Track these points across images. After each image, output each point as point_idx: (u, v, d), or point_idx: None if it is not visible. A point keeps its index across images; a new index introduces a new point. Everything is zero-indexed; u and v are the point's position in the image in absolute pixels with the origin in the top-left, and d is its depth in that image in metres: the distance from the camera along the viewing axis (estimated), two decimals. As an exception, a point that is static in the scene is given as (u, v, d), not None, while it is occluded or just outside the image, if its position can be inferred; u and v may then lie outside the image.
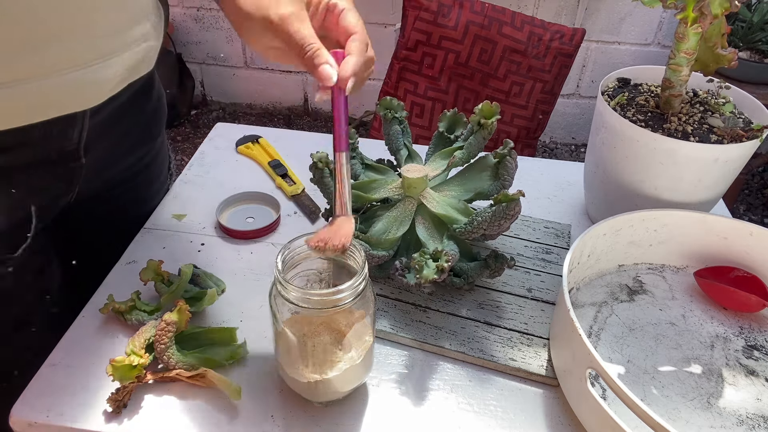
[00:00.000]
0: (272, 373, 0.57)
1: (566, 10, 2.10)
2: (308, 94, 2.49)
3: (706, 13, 0.59)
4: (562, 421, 0.54)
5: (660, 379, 0.57)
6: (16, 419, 0.52)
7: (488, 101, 0.64)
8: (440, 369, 0.59)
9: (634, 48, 2.18)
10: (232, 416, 0.53)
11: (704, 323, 0.64)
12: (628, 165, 0.68)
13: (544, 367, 0.58)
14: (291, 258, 0.49)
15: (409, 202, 0.63)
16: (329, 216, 0.67)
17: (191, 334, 0.58)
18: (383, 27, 2.22)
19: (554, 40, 1.36)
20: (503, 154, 0.61)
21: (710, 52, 0.65)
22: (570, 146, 2.47)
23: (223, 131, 0.95)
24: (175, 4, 2.29)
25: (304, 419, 0.53)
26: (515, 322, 0.62)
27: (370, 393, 0.56)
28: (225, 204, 0.76)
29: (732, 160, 0.65)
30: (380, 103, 0.69)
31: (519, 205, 0.55)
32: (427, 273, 0.54)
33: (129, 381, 0.53)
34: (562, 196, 0.84)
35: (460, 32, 1.37)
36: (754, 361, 0.60)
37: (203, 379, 0.54)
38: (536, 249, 0.72)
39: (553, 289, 0.67)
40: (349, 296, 0.46)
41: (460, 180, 0.66)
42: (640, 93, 0.73)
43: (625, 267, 0.69)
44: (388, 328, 0.61)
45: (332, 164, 0.63)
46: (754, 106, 0.71)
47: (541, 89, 1.40)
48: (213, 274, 0.66)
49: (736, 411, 0.55)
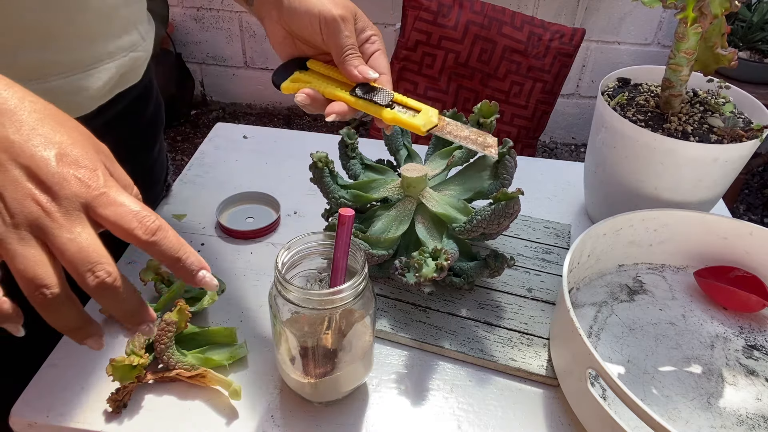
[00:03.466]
0: (272, 373, 0.57)
1: (566, 10, 2.10)
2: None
3: (706, 13, 0.59)
4: (562, 421, 0.54)
5: (660, 379, 0.57)
6: (16, 419, 0.52)
7: (487, 100, 0.64)
8: (440, 369, 0.59)
9: (634, 48, 2.18)
10: (232, 416, 0.53)
11: (704, 323, 0.64)
12: (628, 165, 0.68)
13: (544, 367, 0.58)
14: (291, 258, 0.49)
15: (408, 201, 0.63)
16: (329, 216, 0.67)
17: (191, 334, 0.58)
18: (383, 27, 2.22)
19: (554, 40, 1.36)
20: (503, 153, 0.61)
21: (710, 52, 0.65)
22: (570, 146, 2.47)
23: (223, 131, 0.95)
24: (175, 4, 2.29)
25: (304, 419, 0.53)
26: (515, 322, 0.62)
27: (370, 393, 0.56)
28: (225, 204, 0.76)
29: (732, 160, 0.65)
30: (380, 103, 0.69)
31: (518, 204, 0.55)
32: (426, 272, 0.54)
33: (129, 381, 0.53)
34: (562, 196, 0.84)
35: (459, 32, 1.37)
36: (754, 361, 0.60)
37: (203, 379, 0.54)
38: (536, 249, 0.72)
39: (553, 289, 0.67)
40: (349, 296, 0.46)
41: (459, 179, 0.66)
42: (640, 93, 0.73)
43: (625, 267, 0.69)
44: (388, 328, 0.61)
45: (332, 164, 0.63)
46: (754, 106, 0.71)
47: (541, 89, 1.40)
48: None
49: (736, 411, 0.55)
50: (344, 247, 0.48)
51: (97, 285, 0.34)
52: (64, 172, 0.34)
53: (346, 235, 0.47)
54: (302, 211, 0.78)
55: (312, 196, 0.80)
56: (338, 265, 0.48)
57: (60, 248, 0.33)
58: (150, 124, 0.77)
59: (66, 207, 0.34)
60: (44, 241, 0.34)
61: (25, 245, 0.33)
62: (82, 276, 0.33)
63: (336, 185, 0.63)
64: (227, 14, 2.30)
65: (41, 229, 0.33)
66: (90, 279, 0.33)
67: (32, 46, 0.54)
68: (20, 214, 0.33)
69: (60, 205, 0.34)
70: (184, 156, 2.30)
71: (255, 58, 2.40)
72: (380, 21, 2.21)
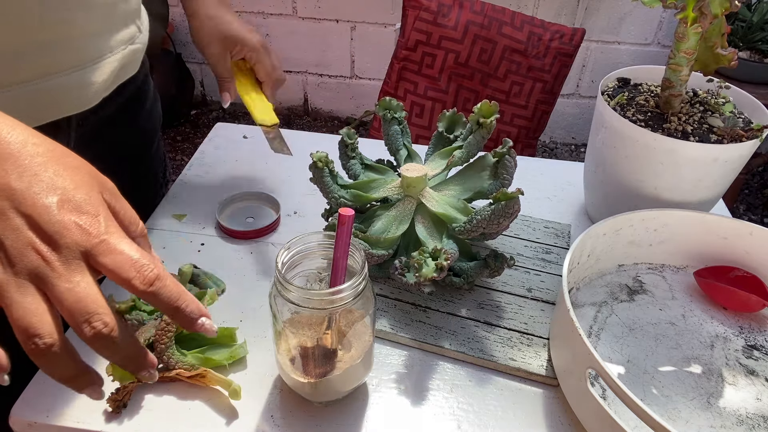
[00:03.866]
0: (272, 373, 0.57)
1: (566, 10, 2.10)
2: (308, 94, 2.49)
3: (706, 13, 0.59)
4: (562, 421, 0.54)
5: (660, 379, 0.57)
6: (16, 419, 0.52)
7: (487, 100, 0.64)
8: (440, 369, 0.59)
9: (634, 48, 2.18)
10: (232, 416, 0.53)
11: (704, 323, 0.64)
12: (628, 165, 0.68)
13: (544, 367, 0.58)
14: (291, 258, 0.49)
15: (408, 201, 0.63)
16: (329, 216, 0.67)
17: (191, 334, 0.58)
18: (383, 27, 2.22)
19: (554, 40, 1.36)
20: (502, 153, 0.61)
21: (710, 52, 0.65)
22: (570, 146, 2.47)
23: (223, 131, 0.95)
24: (175, 4, 2.29)
25: (304, 419, 0.53)
26: (515, 322, 0.62)
27: (370, 393, 0.56)
28: (225, 204, 0.76)
29: (732, 160, 0.65)
30: (379, 103, 0.69)
31: (518, 204, 0.55)
32: (426, 271, 0.54)
33: (129, 381, 0.53)
34: (562, 196, 0.84)
35: (460, 32, 1.37)
36: (754, 361, 0.60)
37: (203, 379, 0.54)
38: (536, 249, 0.72)
39: (553, 289, 0.67)
40: (349, 296, 0.46)
41: (459, 179, 0.66)
42: (640, 93, 0.73)
43: (625, 267, 0.69)
44: (387, 328, 0.61)
45: (332, 164, 0.63)
46: (754, 106, 0.71)
47: (541, 89, 1.40)
48: (213, 274, 0.66)
49: (736, 411, 0.55)
50: (344, 247, 0.48)
51: (93, 335, 0.34)
52: (65, 220, 0.34)
53: (346, 235, 0.47)
54: (302, 211, 0.78)
55: (312, 196, 0.80)
56: (338, 265, 0.48)
57: (58, 298, 0.33)
58: (148, 119, 0.77)
59: (66, 256, 0.34)
60: (43, 290, 0.34)
61: (23, 294, 0.33)
62: (79, 326, 0.33)
63: (336, 185, 0.63)
64: (227, 14, 2.30)
65: (40, 278, 0.34)
66: (87, 329, 0.33)
67: (42, 44, 0.55)
68: (20, 263, 0.33)
69: (60, 254, 0.34)
70: (184, 156, 2.30)
71: (255, 58, 2.40)
72: (380, 21, 2.21)
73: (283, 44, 2.34)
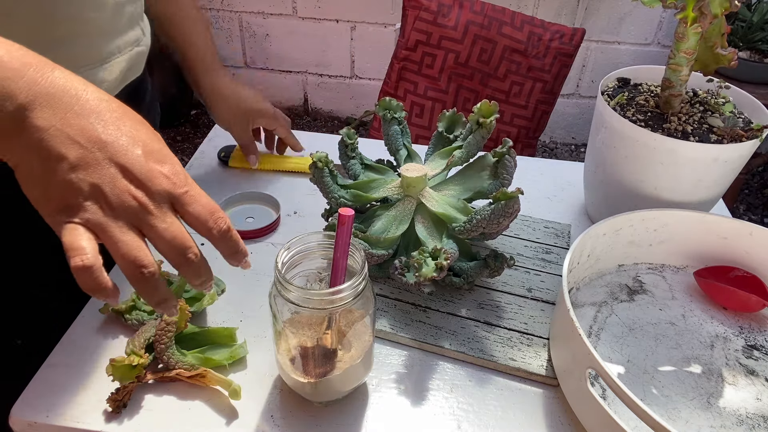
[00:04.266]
0: (272, 373, 0.57)
1: (566, 10, 2.10)
2: (308, 94, 2.49)
3: (705, 13, 0.59)
4: (562, 421, 0.54)
5: (660, 379, 0.57)
6: (16, 419, 0.52)
7: (487, 100, 0.64)
8: (440, 369, 0.59)
9: (634, 48, 2.18)
10: (232, 416, 0.53)
11: (704, 323, 0.64)
12: (628, 165, 0.68)
13: (544, 367, 0.58)
14: (291, 258, 0.49)
15: (408, 201, 0.63)
16: (329, 216, 0.67)
17: (191, 334, 0.58)
18: (383, 27, 2.22)
19: (554, 40, 1.36)
20: (502, 153, 0.61)
21: (710, 51, 0.65)
22: (570, 146, 2.47)
23: (223, 131, 0.94)
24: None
25: (304, 419, 0.53)
26: (515, 322, 0.62)
27: (370, 393, 0.56)
28: (225, 204, 0.76)
29: (732, 159, 0.65)
30: (379, 103, 0.69)
31: (518, 203, 0.55)
32: (426, 271, 0.54)
33: (129, 381, 0.53)
34: (562, 196, 0.84)
35: (459, 32, 1.37)
36: (754, 360, 0.60)
37: (203, 379, 0.54)
38: (536, 249, 0.72)
39: (553, 289, 0.66)
40: (349, 296, 0.46)
41: (459, 179, 0.66)
42: (640, 93, 0.73)
43: (625, 267, 0.69)
44: (387, 328, 0.61)
45: (332, 164, 0.63)
46: (754, 106, 0.71)
47: (541, 89, 1.40)
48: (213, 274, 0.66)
49: (736, 411, 0.55)
50: (344, 247, 0.48)
51: (188, 264, 0.40)
52: (153, 169, 0.39)
53: (346, 235, 0.47)
54: (302, 211, 0.78)
55: (312, 196, 0.80)
56: (338, 265, 0.48)
57: (158, 235, 0.39)
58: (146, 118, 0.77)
59: (158, 201, 0.39)
60: (140, 228, 0.39)
61: (125, 233, 0.38)
62: (177, 258, 0.40)
63: (336, 185, 0.63)
64: (227, 14, 2.30)
65: (140, 219, 0.39)
66: (184, 260, 0.40)
67: (55, 41, 0.56)
68: (120, 207, 0.38)
69: (153, 199, 0.39)
70: (184, 156, 2.30)
71: (255, 58, 2.40)
72: (380, 21, 2.21)
73: (283, 44, 2.34)
